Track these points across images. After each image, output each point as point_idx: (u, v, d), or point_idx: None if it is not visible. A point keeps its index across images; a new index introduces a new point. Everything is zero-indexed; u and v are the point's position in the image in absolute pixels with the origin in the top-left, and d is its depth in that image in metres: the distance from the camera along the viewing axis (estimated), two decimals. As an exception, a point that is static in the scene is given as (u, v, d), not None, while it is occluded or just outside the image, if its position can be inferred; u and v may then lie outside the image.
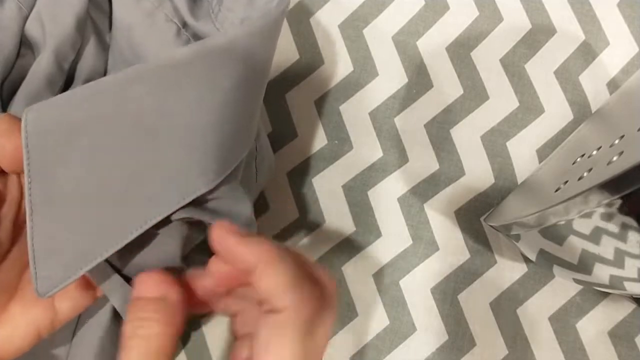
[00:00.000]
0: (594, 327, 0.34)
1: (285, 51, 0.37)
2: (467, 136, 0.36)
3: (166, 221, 0.21)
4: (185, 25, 0.27)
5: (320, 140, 0.36)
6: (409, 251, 0.35)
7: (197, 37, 0.28)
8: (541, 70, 0.36)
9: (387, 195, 0.36)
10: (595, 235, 0.25)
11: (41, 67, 0.26)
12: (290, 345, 0.18)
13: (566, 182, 0.27)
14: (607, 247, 0.26)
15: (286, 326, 0.18)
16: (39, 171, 0.18)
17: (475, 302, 0.34)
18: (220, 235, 0.20)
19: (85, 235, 0.19)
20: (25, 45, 0.28)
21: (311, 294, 0.19)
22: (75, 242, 0.19)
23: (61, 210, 0.19)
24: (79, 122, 0.19)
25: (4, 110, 0.26)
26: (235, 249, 0.19)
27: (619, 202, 0.22)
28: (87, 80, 0.28)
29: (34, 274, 0.19)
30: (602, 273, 0.27)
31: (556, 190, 0.28)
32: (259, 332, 0.19)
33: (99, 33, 0.28)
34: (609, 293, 0.34)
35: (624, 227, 0.24)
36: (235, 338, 0.22)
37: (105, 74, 0.29)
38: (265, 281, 0.19)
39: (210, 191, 0.22)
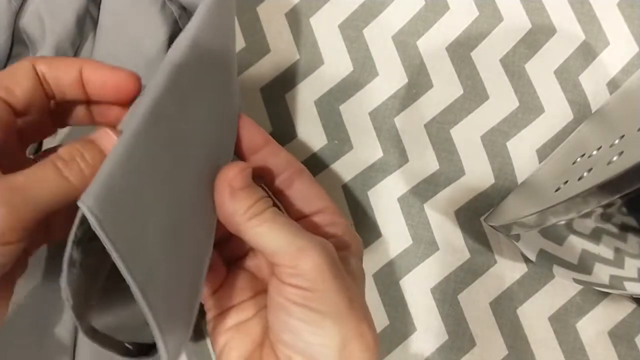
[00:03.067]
0: (594, 327, 0.34)
1: (285, 51, 0.37)
2: (467, 136, 0.36)
3: None
4: None
5: (320, 140, 0.36)
6: (409, 251, 0.35)
7: (181, 7, 0.27)
8: (541, 70, 0.36)
9: (387, 195, 0.36)
10: (595, 235, 0.25)
11: None
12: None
13: (566, 182, 0.27)
14: (607, 247, 0.26)
15: None
16: (130, 257, 0.17)
17: (475, 302, 0.34)
18: None
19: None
20: (21, 44, 0.27)
21: None
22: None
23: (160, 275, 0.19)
24: (140, 191, 0.18)
25: None
26: None
27: (619, 202, 0.22)
28: None
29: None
30: (602, 273, 0.27)
31: (556, 190, 0.28)
32: None
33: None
34: (609, 293, 0.34)
35: (624, 227, 0.24)
36: None
37: None
38: None
39: None
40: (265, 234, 0.21)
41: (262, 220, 0.22)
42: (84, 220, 0.17)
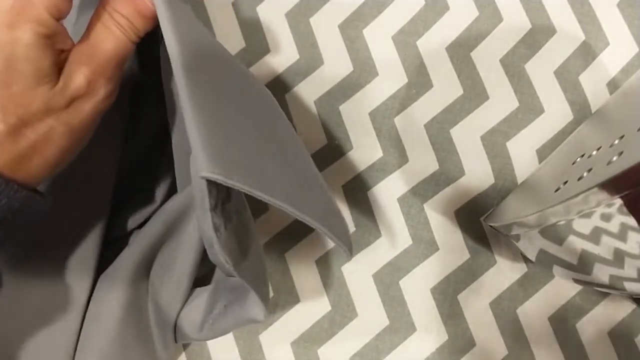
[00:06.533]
0: (593, 327, 0.34)
1: (285, 51, 0.37)
2: (467, 136, 0.36)
3: None
4: None
5: (320, 140, 0.36)
6: (409, 251, 0.35)
7: None
8: (541, 70, 0.36)
9: (387, 195, 0.36)
10: (595, 236, 0.25)
11: None
12: None
13: (566, 182, 0.27)
14: (606, 247, 0.26)
15: None
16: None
17: (475, 302, 0.34)
18: None
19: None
20: None
21: None
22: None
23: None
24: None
25: None
26: None
27: (619, 202, 0.22)
28: None
29: None
30: (601, 273, 0.27)
31: (556, 191, 0.28)
32: None
33: None
34: (609, 293, 0.34)
35: (624, 227, 0.24)
36: None
37: None
38: None
39: None
40: None
41: None
42: (209, 189, 0.20)
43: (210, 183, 0.20)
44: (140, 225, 0.30)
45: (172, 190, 0.31)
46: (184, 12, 0.23)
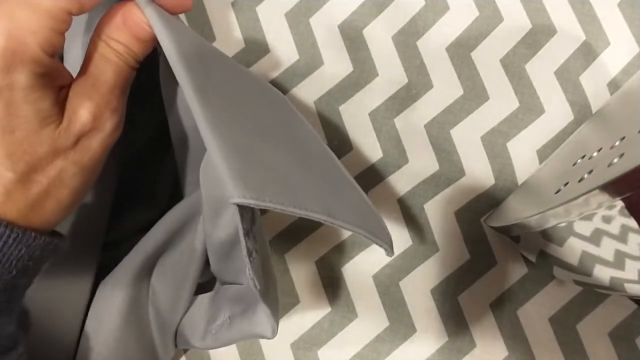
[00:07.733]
0: (594, 328, 0.34)
1: (285, 51, 0.37)
2: (467, 137, 0.36)
3: None
4: None
5: (320, 141, 0.36)
6: (409, 252, 0.35)
7: None
8: (541, 70, 0.36)
9: (387, 196, 0.35)
10: (596, 237, 0.25)
11: None
12: None
13: (566, 183, 0.27)
14: (607, 249, 0.25)
15: None
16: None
17: (475, 303, 0.34)
18: None
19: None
20: None
21: None
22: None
23: None
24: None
25: None
26: None
27: (620, 204, 0.22)
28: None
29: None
30: (602, 274, 0.27)
31: (557, 192, 0.28)
32: None
33: None
34: (609, 294, 0.34)
35: (625, 229, 0.24)
36: None
37: None
38: None
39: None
40: None
41: None
42: (242, 214, 0.19)
43: (242, 208, 0.19)
44: (142, 229, 0.30)
45: (174, 194, 0.30)
46: (180, 26, 0.22)
